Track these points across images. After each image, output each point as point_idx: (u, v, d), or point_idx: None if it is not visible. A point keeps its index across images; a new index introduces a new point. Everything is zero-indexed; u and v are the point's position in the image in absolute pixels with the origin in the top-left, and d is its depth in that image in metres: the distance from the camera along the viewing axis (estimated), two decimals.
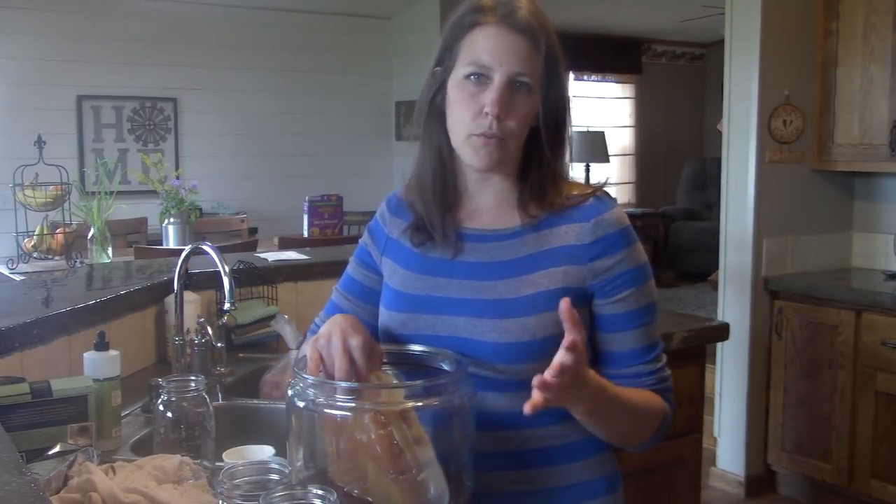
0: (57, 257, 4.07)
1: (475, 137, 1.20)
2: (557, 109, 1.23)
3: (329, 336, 1.15)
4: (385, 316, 1.32)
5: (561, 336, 1.16)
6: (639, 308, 1.24)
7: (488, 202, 1.29)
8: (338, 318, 1.19)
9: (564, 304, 1.06)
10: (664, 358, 1.28)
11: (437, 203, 1.28)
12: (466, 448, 1.13)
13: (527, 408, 1.03)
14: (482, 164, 1.22)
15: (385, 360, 1.23)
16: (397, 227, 1.35)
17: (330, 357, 1.14)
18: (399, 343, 1.28)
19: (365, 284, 1.38)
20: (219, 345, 2.06)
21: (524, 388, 1.20)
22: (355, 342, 1.15)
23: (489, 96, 1.18)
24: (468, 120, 1.20)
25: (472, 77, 1.19)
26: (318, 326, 1.39)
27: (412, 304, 1.28)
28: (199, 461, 1.31)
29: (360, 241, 1.43)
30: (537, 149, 1.24)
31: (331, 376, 1.14)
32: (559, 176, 1.27)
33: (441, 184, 1.28)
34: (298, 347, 1.99)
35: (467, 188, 1.30)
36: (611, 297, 1.23)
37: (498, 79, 1.18)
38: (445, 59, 1.24)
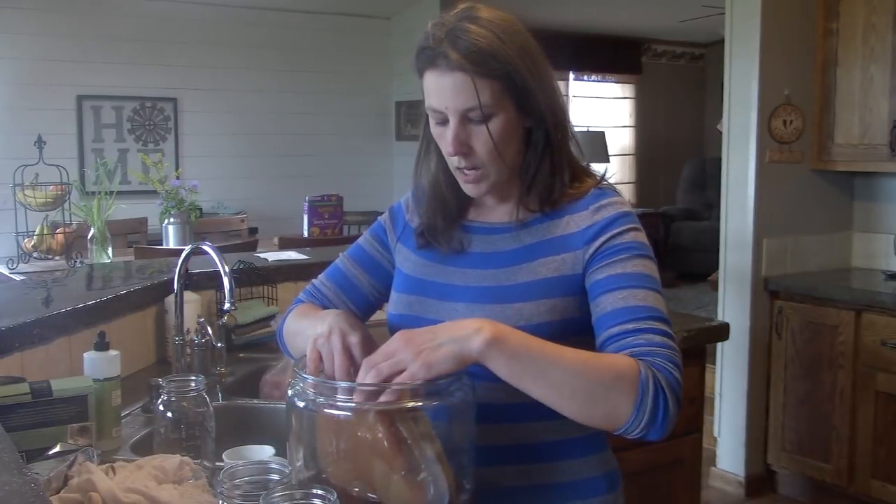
0: (57, 257, 4.08)
1: (458, 171, 1.25)
2: (540, 112, 1.23)
3: (328, 335, 1.16)
4: (395, 298, 1.35)
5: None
6: (628, 273, 1.17)
7: (494, 199, 1.32)
8: (335, 317, 1.20)
9: None
10: (665, 327, 1.13)
11: (443, 218, 1.32)
12: (467, 447, 1.13)
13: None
14: (472, 195, 1.28)
15: None
16: (417, 217, 1.38)
17: (330, 355, 1.15)
18: (407, 325, 1.28)
19: (373, 256, 1.42)
20: (219, 345, 2.06)
21: None
22: (354, 339, 1.16)
23: (448, 137, 1.20)
24: (446, 155, 1.25)
25: (433, 120, 1.23)
26: (317, 288, 1.44)
27: (420, 287, 1.31)
28: (199, 461, 1.31)
29: (378, 218, 1.46)
30: (541, 145, 1.25)
31: (331, 375, 1.14)
32: (562, 170, 1.26)
33: (443, 200, 1.32)
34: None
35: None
36: (600, 263, 1.19)
37: (451, 120, 1.20)
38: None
